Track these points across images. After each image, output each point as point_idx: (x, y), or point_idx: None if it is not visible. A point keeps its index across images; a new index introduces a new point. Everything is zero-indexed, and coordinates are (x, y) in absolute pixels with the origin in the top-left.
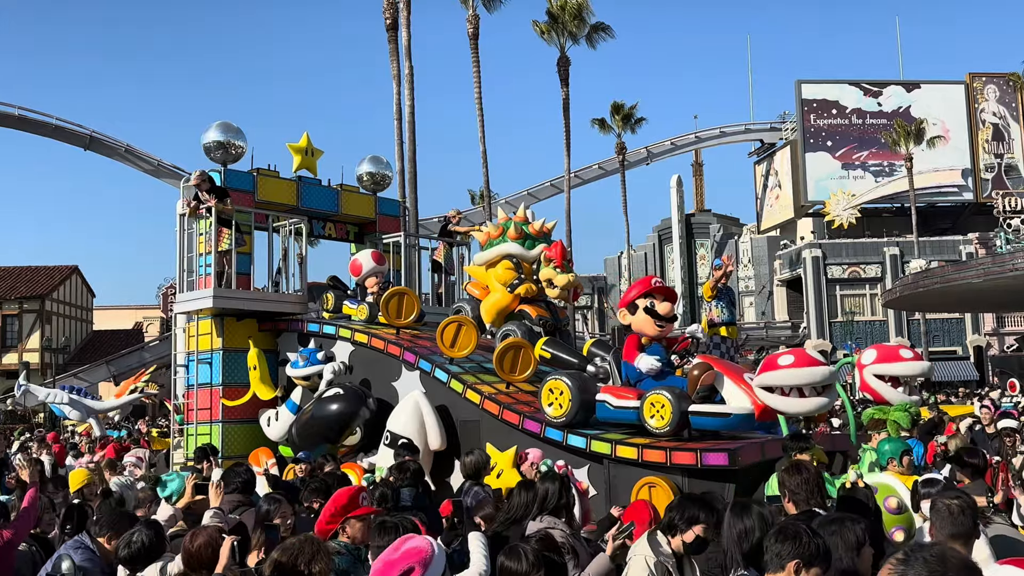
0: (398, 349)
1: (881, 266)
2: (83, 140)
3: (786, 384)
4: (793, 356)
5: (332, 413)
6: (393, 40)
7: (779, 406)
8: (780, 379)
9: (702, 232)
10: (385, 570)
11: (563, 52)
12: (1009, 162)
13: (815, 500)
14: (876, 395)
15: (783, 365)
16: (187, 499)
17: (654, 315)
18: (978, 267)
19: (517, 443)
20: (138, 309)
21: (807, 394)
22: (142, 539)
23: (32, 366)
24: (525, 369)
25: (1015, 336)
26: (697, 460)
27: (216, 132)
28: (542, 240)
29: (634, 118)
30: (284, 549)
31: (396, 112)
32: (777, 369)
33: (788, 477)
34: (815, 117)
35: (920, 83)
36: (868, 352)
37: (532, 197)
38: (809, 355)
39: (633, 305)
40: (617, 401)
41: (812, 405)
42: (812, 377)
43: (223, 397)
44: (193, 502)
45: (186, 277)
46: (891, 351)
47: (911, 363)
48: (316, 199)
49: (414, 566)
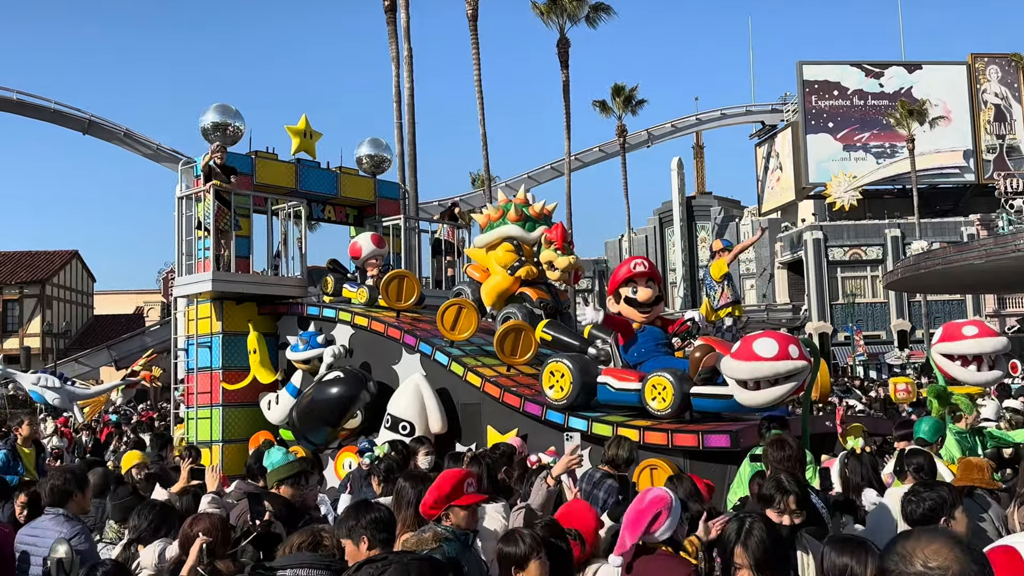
0: (398, 332)
1: (882, 248)
2: (82, 124)
3: (970, 353)
4: (976, 327)
5: (332, 396)
6: (392, 22)
7: (957, 374)
8: (965, 348)
9: (703, 215)
10: (638, 518)
11: (563, 34)
12: (1011, 143)
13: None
14: (946, 374)
15: (968, 336)
16: (182, 483)
17: (635, 304)
18: (980, 248)
19: (518, 426)
20: (139, 293)
21: (983, 368)
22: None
23: (33, 351)
24: (526, 352)
25: (1016, 317)
26: (699, 442)
27: (214, 114)
28: (543, 222)
29: (635, 100)
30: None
31: (395, 95)
32: (962, 339)
33: (773, 451)
34: (816, 98)
35: (922, 64)
36: (938, 331)
37: (532, 180)
38: (988, 326)
39: (617, 293)
40: (618, 383)
41: (989, 377)
42: (996, 346)
43: (223, 381)
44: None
45: (185, 260)
46: (955, 329)
47: (975, 340)
48: (315, 182)
49: (661, 510)
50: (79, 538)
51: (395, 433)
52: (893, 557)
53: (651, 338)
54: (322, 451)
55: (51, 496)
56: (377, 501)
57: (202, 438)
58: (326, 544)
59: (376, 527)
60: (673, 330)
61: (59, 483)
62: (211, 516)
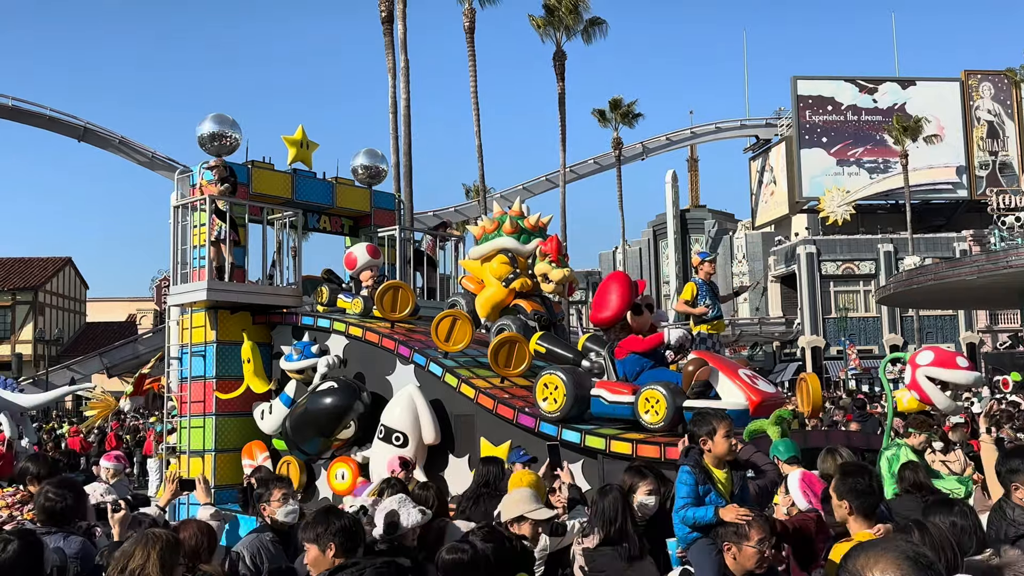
0: (393, 343)
1: (875, 263)
2: (77, 131)
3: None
4: (966, 361)
5: (326, 407)
6: (389, 33)
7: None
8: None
9: (697, 228)
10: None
11: (559, 47)
12: (1003, 159)
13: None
14: (924, 395)
15: (962, 367)
16: (168, 496)
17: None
18: (972, 264)
19: (511, 438)
20: (131, 301)
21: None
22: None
23: (25, 358)
24: (520, 364)
25: (1008, 333)
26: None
27: (211, 124)
28: (537, 235)
29: (632, 114)
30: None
31: (391, 106)
32: (957, 368)
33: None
34: (810, 113)
35: (915, 80)
36: (926, 353)
37: (527, 191)
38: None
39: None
40: (612, 396)
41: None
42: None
43: (216, 390)
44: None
45: (180, 269)
46: (949, 357)
47: (966, 372)
48: (311, 192)
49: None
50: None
51: (388, 444)
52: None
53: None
54: (315, 461)
55: None
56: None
57: (195, 447)
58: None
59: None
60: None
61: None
62: (198, 522)
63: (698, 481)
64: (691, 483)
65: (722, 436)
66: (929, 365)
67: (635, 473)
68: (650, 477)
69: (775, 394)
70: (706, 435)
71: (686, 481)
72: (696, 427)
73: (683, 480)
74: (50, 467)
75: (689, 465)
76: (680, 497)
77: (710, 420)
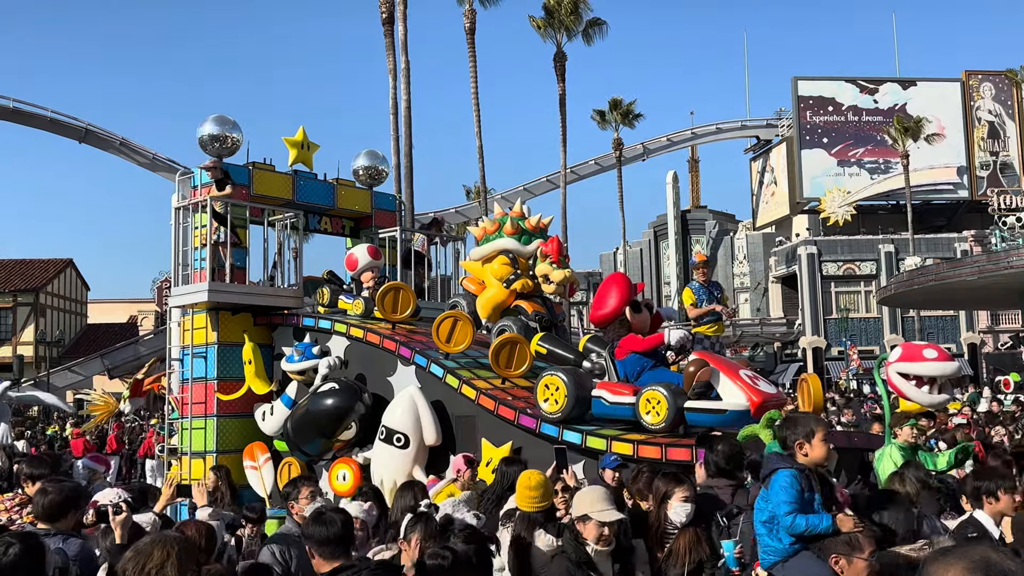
0: (394, 344)
1: (876, 263)
2: (78, 133)
3: (927, 375)
4: (936, 351)
5: (327, 408)
6: (389, 35)
7: (912, 394)
8: (924, 370)
9: (698, 228)
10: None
11: (559, 47)
12: (1004, 160)
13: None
14: (900, 393)
15: (928, 358)
16: (164, 501)
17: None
18: (973, 265)
19: (513, 439)
20: (133, 303)
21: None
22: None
23: (26, 359)
24: (521, 365)
25: (1009, 333)
26: (692, 456)
27: (212, 125)
28: (538, 235)
29: (632, 114)
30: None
31: (392, 107)
32: (923, 361)
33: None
34: (811, 114)
35: (916, 80)
36: (895, 350)
37: (528, 192)
38: (945, 351)
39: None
40: (613, 397)
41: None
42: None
43: (218, 391)
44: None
45: (181, 271)
46: (915, 350)
47: (935, 363)
48: (312, 193)
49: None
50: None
51: (390, 445)
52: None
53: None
54: (316, 462)
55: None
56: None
57: (196, 448)
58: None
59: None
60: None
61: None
62: (198, 523)
63: (803, 487)
64: (797, 488)
65: (820, 440)
66: (897, 361)
67: (671, 479)
68: (687, 483)
69: (776, 395)
70: (803, 438)
71: (791, 486)
72: (790, 430)
73: (785, 484)
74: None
75: (796, 469)
76: (782, 502)
77: (808, 423)
